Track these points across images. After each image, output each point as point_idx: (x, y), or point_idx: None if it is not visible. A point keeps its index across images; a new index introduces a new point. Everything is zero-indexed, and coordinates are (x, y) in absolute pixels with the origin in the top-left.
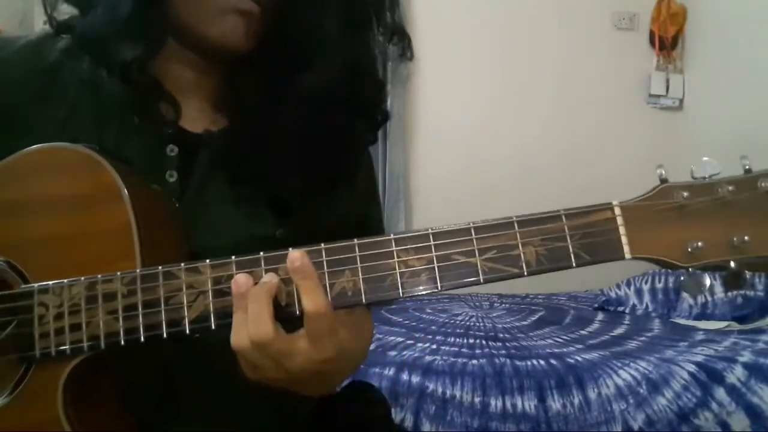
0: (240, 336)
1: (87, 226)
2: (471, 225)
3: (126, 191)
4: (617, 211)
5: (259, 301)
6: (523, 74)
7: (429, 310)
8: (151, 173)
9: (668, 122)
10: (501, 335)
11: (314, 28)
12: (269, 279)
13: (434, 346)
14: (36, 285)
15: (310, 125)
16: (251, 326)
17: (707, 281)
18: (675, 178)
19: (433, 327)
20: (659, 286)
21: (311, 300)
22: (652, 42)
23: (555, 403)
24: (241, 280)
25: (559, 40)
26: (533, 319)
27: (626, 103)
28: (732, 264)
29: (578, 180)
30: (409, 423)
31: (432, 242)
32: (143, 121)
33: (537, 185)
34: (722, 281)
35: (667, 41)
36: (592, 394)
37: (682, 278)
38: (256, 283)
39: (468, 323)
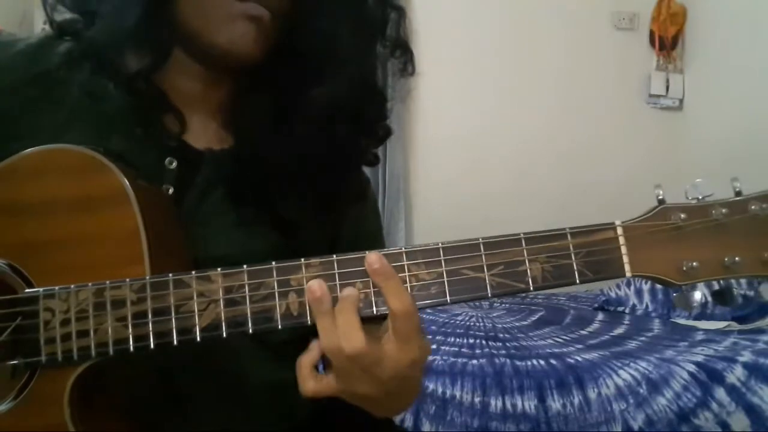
0: (330, 341)
1: (93, 230)
2: (480, 240)
3: (133, 194)
4: (619, 231)
5: (347, 314)
6: (523, 74)
7: (429, 310)
8: None
9: (668, 122)
10: (501, 335)
11: (324, 39)
12: (351, 292)
13: (434, 346)
14: (41, 289)
15: (317, 145)
16: (344, 341)
17: (697, 298)
18: (675, 179)
19: (433, 327)
20: (659, 286)
21: (398, 300)
22: (652, 42)
23: (555, 403)
24: (314, 286)
25: (559, 40)
26: (533, 319)
27: (626, 103)
28: (722, 283)
29: (578, 180)
30: (409, 423)
31: (442, 257)
32: (146, 133)
33: (537, 185)
34: (712, 299)
35: (667, 41)
36: (592, 394)
37: (674, 294)
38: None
39: (468, 323)
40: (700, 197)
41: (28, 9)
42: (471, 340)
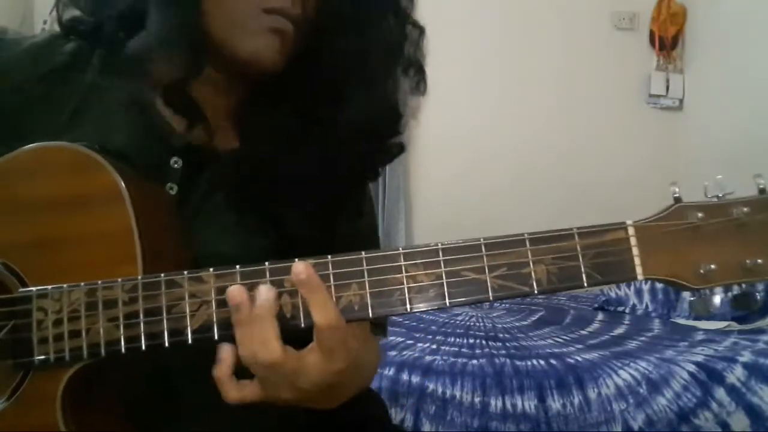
0: (247, 351)
1: (87, 229)
2: (481, 241)
3: (127, 192)
4: (631, 231)
5: (263, 323)
6: (523, 74)
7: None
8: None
9: (668, 122)
10: (501, 335)
11: (344, 55)
12: (266, 296)
13: (434, 346)
14: (34, 289)
15: (326, 158)
16: (259, 349)
17: (717, 303)
18: (675, 179)
19: (433, 327)
20: (659, 286)
21: (321, 313)
22: (652, 42)
23: (555, 403)
24: (234, 292)
25: (559, 40)
26: (533, 319)
27: (626, 103)
28: (743, 286)
29: (578, 180)
30: (409, 423)
31: (441, 257)
32: (151, 133)
33: (537, 185)
34: (731, 303)
35: (667, 41)
36: (592, 394)
37: (691, 299)
38: (252, 295)
39: (468, 323)
40: (720, 195)
41: (28, 9)
42: (471, 340)
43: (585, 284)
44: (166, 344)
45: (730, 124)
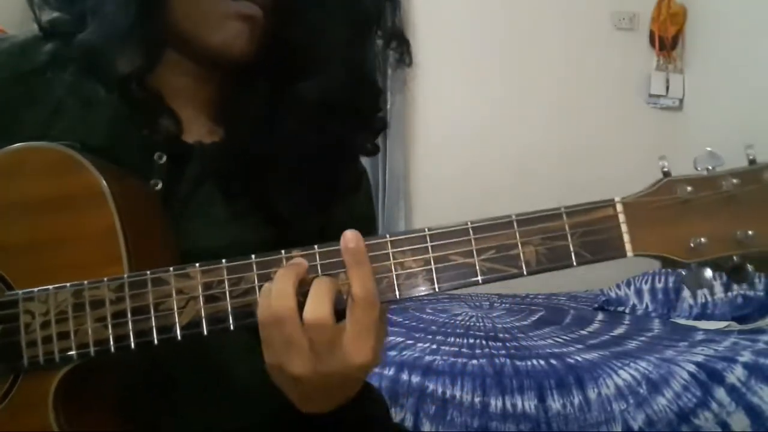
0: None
1: (70, 230)
2: (469, 225)
3: (110, 192)
4: (619, 207)
5: (321, 286)
6: (523, 74)
7: (429, 310)
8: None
9: (668, 122)
10: (501, 335)
11: (316, 33)
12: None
13: (434, 346)
14: (20, 292)
15: (310, 138)
16: (310, 308)
17: (708, 276)
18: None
19: (433, 327)
20: (659, 286)
21: (361, 286)
22: (652, 42)
23: (555, 403)
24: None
25: (559, 40)
26: (533, 319)
27: (626, 103)
28: (735, 259)
29: (578, 180)
30: (409, 423)
31: (429, 243)
32: (134, 129)
33: (537, 185)
34: (726, 276)
35: (667, 41)
36: (592, 394)
37: (683, 273)
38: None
39: (468, 323)
40: (710, 168)
41: (28, 9)
42: (471, 340)
43: (574, 263)
44: (155, 342)
45: (730, 124)
